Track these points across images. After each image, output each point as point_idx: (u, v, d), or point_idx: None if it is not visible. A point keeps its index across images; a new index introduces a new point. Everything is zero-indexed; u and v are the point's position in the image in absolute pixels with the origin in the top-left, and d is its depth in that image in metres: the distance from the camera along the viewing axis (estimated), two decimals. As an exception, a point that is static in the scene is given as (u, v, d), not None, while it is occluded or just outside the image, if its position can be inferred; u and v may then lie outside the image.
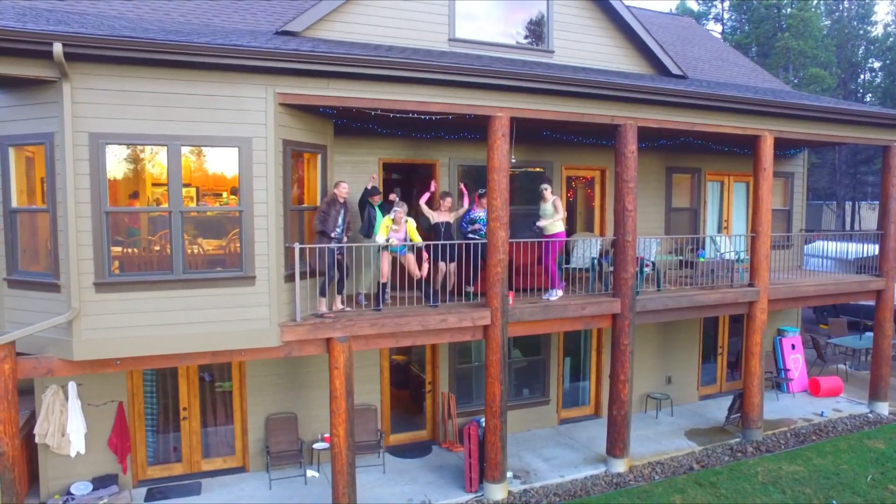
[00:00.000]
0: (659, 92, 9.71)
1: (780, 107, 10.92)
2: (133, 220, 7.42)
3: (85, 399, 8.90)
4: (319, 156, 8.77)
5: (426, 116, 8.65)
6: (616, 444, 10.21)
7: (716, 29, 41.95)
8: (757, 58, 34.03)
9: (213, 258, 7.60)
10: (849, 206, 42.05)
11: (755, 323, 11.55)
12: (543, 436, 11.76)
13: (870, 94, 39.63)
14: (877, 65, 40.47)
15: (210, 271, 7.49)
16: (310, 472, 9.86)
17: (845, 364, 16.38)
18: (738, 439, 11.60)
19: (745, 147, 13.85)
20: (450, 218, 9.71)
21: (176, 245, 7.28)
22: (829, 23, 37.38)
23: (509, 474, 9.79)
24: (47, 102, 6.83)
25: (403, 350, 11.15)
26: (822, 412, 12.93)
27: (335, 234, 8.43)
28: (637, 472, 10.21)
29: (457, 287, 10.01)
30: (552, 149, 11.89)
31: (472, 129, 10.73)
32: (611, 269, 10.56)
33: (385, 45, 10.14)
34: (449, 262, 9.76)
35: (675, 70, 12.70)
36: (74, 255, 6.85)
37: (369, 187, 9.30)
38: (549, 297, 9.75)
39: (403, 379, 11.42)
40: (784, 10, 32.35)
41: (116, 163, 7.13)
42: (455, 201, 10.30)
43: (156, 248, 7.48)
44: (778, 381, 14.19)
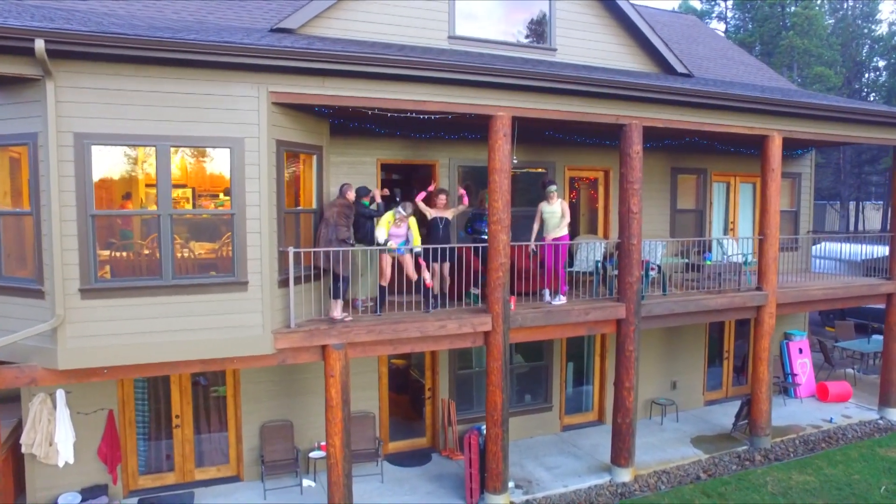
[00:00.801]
0: (665, 91, 9.43)
1: (789, 106, 10.63)
2: (123, 224, 7.15)
3: (74, 407, 8.64)
4: (315, 157, 8.50)
5: (425, 116, 8.38)
6: (621, 452, 9.93)
7: (719, 27, 41.64)
8: (760, 56, 33.72)
9: (203, 263, 7.33)
10: (852, 206, 41.75)
11: (763, 328, 11.27)
12: (546, 443, 11.48)
13: (874, 94, 39.29)
14: (881, 63, 40.14)
15: (201, 276, 7.22)
16: (306, 482, 9.59)
17: (853, 368, 16.09)
18: (745, 447, 11.32)
19: (751, 147, 13.57)
20: (448, 214, 9.41)
21: (165, 249, 7.01)
22: (832, 21, 37.05)
23: (511, 484, 9.52)
24: (30, 101, 6.57)
25: (403, 354, 10.86)
26: (832, 418, 12.64)
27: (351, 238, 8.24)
28: (642, 481, 9.93)
29: (457, 290, 9.73)
30: (554, 149, 11.61)
31: (472, 128, 10.46)
32: (615, 272, 10.28)
33: (383, 42, 9.87)
34: (441, 262, 9.39)
35: (680, 68, 12.41)
36: (59, 261, 6.59)
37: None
38: (554, 301, 9.48)
39: (403, 384, 11.16)
40: (788, 9, 32.04)
41: (103, 164, 6.87)
42: (451, 201, 10.01)
43: (145, 251, 7.22)
44: (785, 385, 13.90)
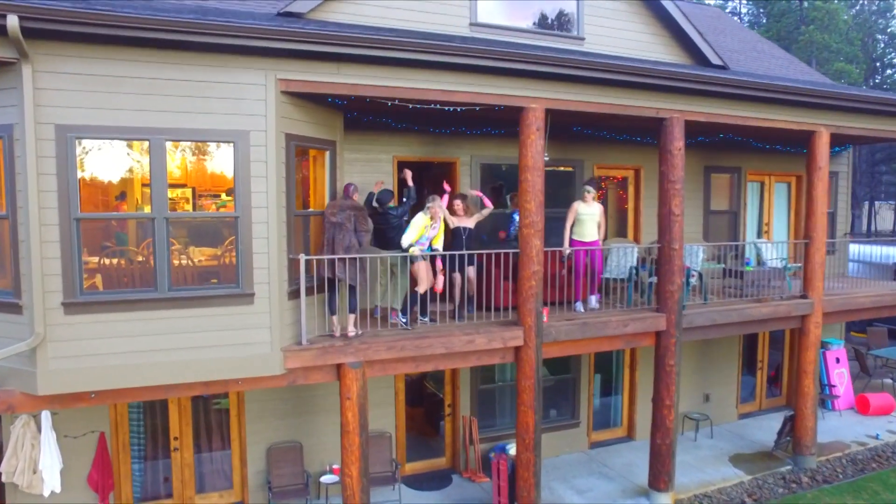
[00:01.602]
0: (712, 81, 8.60)
1: (838, 99, 9.80)
2: (118, 227, 6.34)
3: (61, 430, 7.79)
4: (328, 153, 7.64)
5: (450, 108, 7.53)
6: (660, 475, 9.09)
7: (732, 24, 40.71)
8: (777, 53, 32.81)
9: (204, 273, 6.51)
10: (865, 205, 40.88)
11: (809, 338, 10.43)
12: (573, 462, 10.64)
13: (891, 91, 38.43)
14: (897, 60, 39.29)
15: (201, 288, 6.39)
16: (317, 510, 8.78)
17: (892, 378, 15.22)
18: (789, 466, 10.48)
19: (788, 144, 12.72)
20: (470, 223, 8.56)
21: (160, 258, 6.18)
22: (849, 16, 36.15)
23: (541, 512, 8.70)
24: (4, 89, 5.73)
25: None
26: (878, 434, 11.78)
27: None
28: (684, 508, 9.10)
29: (477, 299, 8.83)
30: (582, 146, 10.78)
31: (496, 123, 9.62)
32: (650, 279, 9.45)
33: (399, 28, 9.04)
34: (464, 269, 8.51)
35: (715, 60, 11.55)
36: (38, 270, 5.76)
37: (377, 191, 8.12)
38: (584, 307, 8.69)
39: (420, 399, 10.34)
40: (805, 3, 31.14)
41: (89, 161, 6.04)
42: (472, 205, 9.13)
43: (138, 259, 6.41)
44: (823, 397, 13.04)
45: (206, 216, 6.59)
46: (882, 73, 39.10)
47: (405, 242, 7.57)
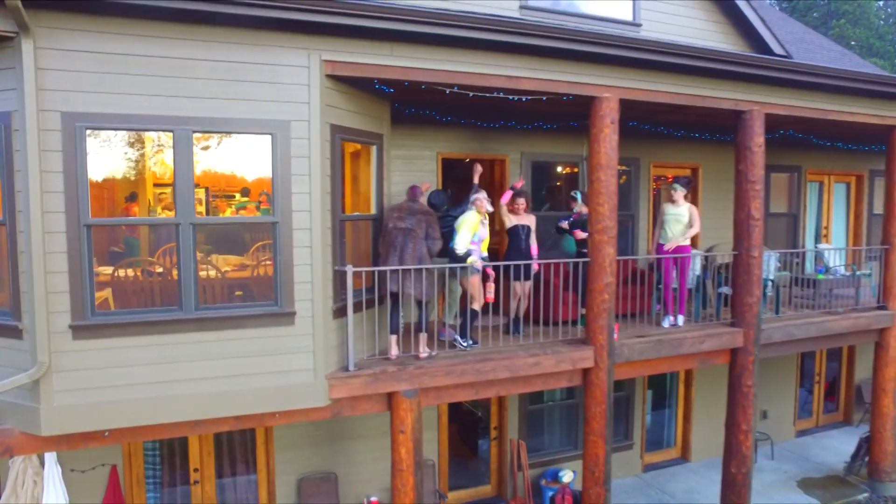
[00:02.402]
0: (798, 70, 7.69)
1: (926, 89, 8.84)
2: (123, 233, 5.40)
3: (67, 464, 6.82)
4: (374, 147, 6.63)
5: (515, 97, 6.55)
6: (735, 510, 8.14)
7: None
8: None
9: (235, 288, 5.56)
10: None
11: (889, 353, 9.47)
12: (629, 488, 9.67)
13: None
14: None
15: (233, 306, 5.44)
16: (353, 549, 7.83)
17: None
18: (866, 494, 9.53)
19: (852, 141, 11.74)
20: (531, 222, 7.58)
21: (186, 271, 5.21)
22: (880, 10, 35.09)
23: (606, 552, 7.73)
24: (1, 69, 4.78)
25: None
26: (955, 457, 10.81)
27: None
28: (762, 545, 8.15)
29: (532, 314, 7.85)
30: (638, 143, 9.81)
31: (548, 116, 8.64)
32: (722, 289, 8.49)
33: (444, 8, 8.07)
34: (524, 280, 7.57)
35: (778, 49, 10.60)
36: (42, 287, 4.80)
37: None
38: (676, 323, 7.84)
39: (462, 421, 9.38)
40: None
41: (103, 156, 5.10)
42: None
43: (157, 270, 5.47)
44: None
45: (239, 222, 5.64)
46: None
47: (461, 248, 6.49)
